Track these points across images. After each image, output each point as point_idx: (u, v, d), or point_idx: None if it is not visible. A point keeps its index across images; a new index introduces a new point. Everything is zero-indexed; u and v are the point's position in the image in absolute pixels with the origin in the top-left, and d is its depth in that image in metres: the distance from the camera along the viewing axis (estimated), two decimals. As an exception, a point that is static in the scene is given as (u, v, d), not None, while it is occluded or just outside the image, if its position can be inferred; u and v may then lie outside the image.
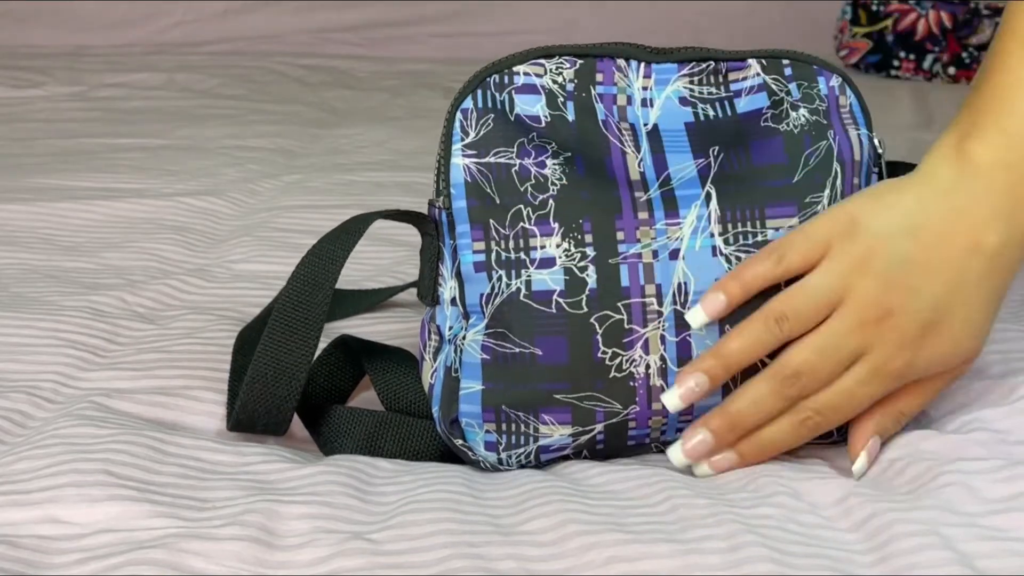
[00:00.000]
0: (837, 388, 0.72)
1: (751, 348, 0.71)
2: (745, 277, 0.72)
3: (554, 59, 0.78)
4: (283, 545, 0.66)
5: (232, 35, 2.28)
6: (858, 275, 0.71)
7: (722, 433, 0.72)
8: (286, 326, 0.77)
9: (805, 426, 0.72)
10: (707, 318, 0.73)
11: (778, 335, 0.71)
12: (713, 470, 0.73)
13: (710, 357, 0.72)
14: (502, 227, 0.75)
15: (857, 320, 0.71)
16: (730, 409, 0.72)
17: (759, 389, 0.72)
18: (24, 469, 0.72)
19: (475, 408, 0.75)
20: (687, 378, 0.72)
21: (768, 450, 0.73)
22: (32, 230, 1.17)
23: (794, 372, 0.71)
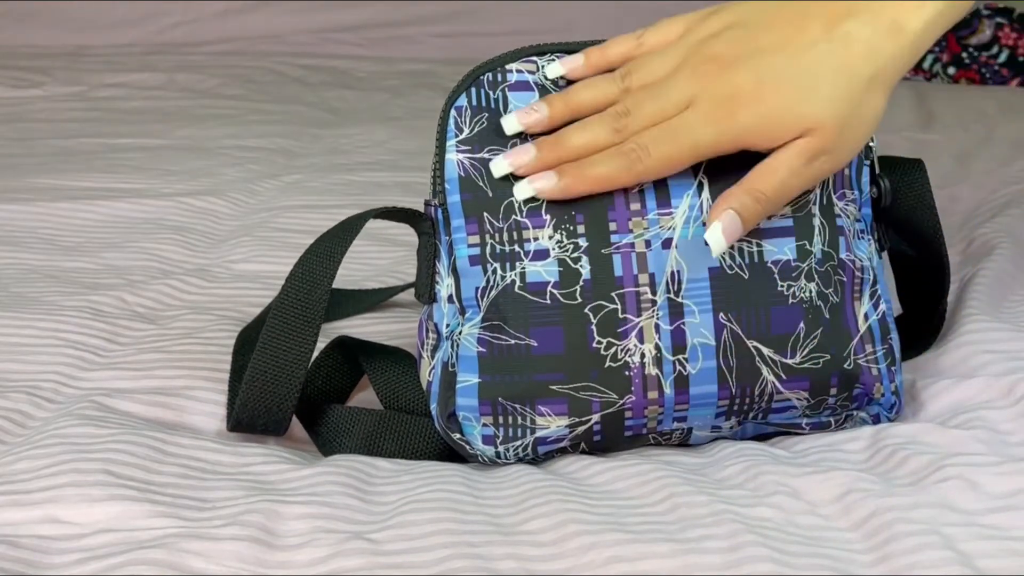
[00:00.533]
0: (663, 126, 0.74)
1: (594, 95, 0.75)
2: (607, 46, 0.77)
3: (546, 56, 0.78)
4: (283, 545, 0.66)
5: (232, 35, 2.28)
6: (704, 43, 0.74)
7: (546, 147, 0.75)
8: (284, 324, 0.77)
9: (628, 157, 0.74)
10: (564, 70, 0.76)
11: (619, 85, 0.75)
12: (532, 189, 0.74)
13: (556, 96, 0.76)
14: (496, 220, 0.76)
15: (691, 71, 0.74)
16: (560, 132, 0.75)
17: (590, 121, 0.75)
18: (24, 469, 0.72)
19: (472, 401, 0.75)
20: (530, 105, 0.75)
21: (589, 177, 0.74)
22: (32, 230, 1.17)
23: (624, 108, 0.74)
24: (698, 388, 0.75)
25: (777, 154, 0.74)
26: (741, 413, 0.76)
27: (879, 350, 0.78)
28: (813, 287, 0.76)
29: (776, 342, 0.75)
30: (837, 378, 0.76)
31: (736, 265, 0.75)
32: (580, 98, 0.75)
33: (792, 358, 0.75)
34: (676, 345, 0.74)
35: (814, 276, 0.76)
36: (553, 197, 0.75)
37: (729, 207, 0.73)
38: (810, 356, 0.76)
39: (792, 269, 0.75)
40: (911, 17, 0.73)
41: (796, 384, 0.76)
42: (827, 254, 0.76)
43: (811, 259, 0.76)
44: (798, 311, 0.75)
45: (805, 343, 0.75)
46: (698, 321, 0.74)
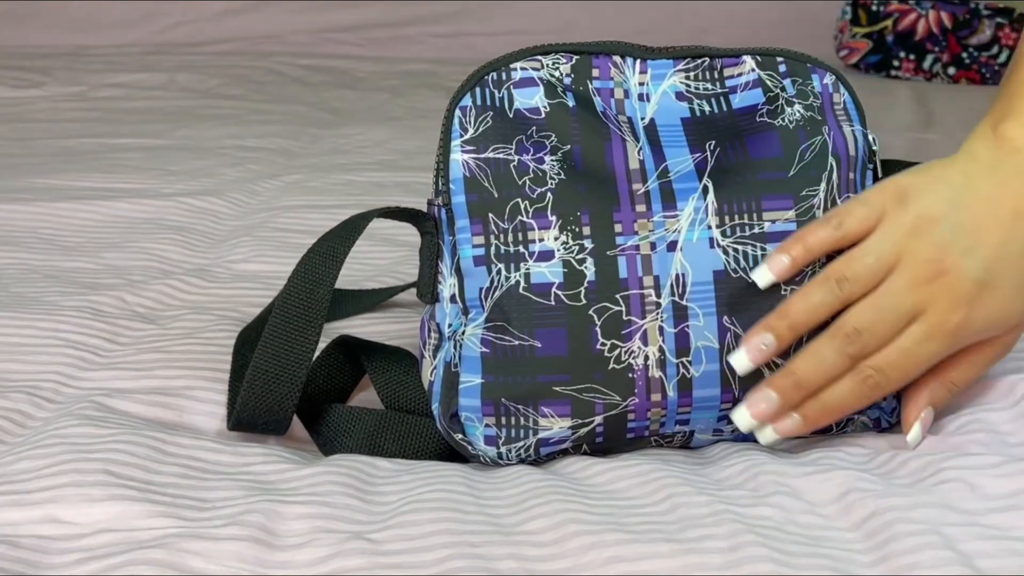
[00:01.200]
0: (896, 346, 0.73)
1: (814, 309, 0.74)
2: (808, 240, 0.75)
3: (550, 56, 0.78)
4: (283, 545, 0.66)
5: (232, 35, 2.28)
6: (912, 238, 0.74)
7: (787, 391, 0.73)
8: (287, 323, 0.77)
9: (867, 384, 0.73)
10: (774, 277, 0.74)
11: (839, 295, 0.73)
12: (778, 434, 0.74)
13: (774, 318, 0.74)
14: (501, 220, 0.75)
15: (912, 279, 0.73)
16: (793, 368, 0.73)
17: (820, 348, 0.73)
18: (24, 469, 0.72)
19: (474, 402, 0.75)
20: (754, 338, 0.73)
21: (832, 410, 0.74)
22: (32, 230, 1.17)
23: (854, 329, 0.73)
24: (701, 391, 0.75)
25: (982, 349, 0.76)
26: (743, 416, 0.76)
27: None
28: None
29: None
30: (838, 379, 0.76)
31: (740, 269, 0.75)
32: (803, 319, 0.74)
33: None
34: (680, 348, 0.74)
35: None
36: (799, 435, 0.75)
37: (929, 404, 0.76)
38: None
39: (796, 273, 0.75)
40: None
41: None
42: (831, 258, 0.76)
43: (815, 263, 0.76)
44: None
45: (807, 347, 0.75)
46: (702, 324, 0.74)
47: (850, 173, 0.78)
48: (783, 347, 0.74)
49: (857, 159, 0.79)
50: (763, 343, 0.73)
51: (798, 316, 0.74)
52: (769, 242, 0.75)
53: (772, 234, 0.75)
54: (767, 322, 0.74)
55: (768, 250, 0.75)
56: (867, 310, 0.73)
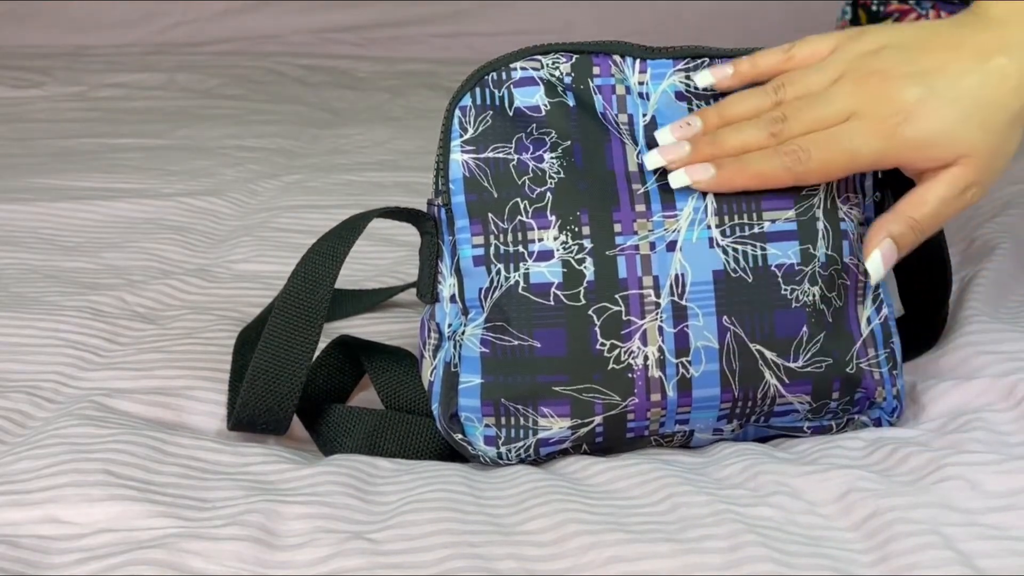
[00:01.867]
0: (825, 132, 0.74)
1: (747, 106, 0.75)
2: (756, 58, 0.77)
3: (550, 55, 0.78)
4: (283, 545, 0.66)
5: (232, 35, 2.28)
6: (860, 58, 0.75)
7: (701, 144, 0.74)
8: (286, 324, 0.77)
9: (789, 156, 0.74)
10: (714, 79, 0.76)
11: (773, 97, 0.75)
12: (688, 178, 0.74)
13: (710, 108, 0.75)
14: (500, 220, 0.75)
15: (851, 84, 0.74)
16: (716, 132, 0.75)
17: (743, 124, 0.75)
18: (24, 469, 0.72)
19: (474, 402, 0.75)
20: (683, 120, 0.75)
21: (748, 170, 0.74)
22: (32, 230, 1.17)
23: (780, 113, 0.74)
24: (701, 391, 0.75)
25: (929, 183, 0.75)
26: (743, 416, 0.76)
27: (881, 354, 0.78)
28: (816, 291, 0.76)
29: (779, 346, 0.75)
30: (839, 382, 0.76)
31: (740, 269, 0.75)
32: (734, 110, 0.75)
33: (795, 362, 0.75)
34: (679, 348, 0.74)
35: (818, 280, 0.76)
36: (710, 189, 0.74)
37: (886, 235, 0.75)
38: (813, 360, 0.76)
39: (796, 273, 0.75)
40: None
41: (798, 388, 0.76)
42: (831, 258, 0.76)
43: (815, 263, 0.76)
44: (801, 315, 0.75)
45: (808, 347, 0.75)
46: (702, 324, 0.74)
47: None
48: (709, 129, 0.75)
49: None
50: (688, 122, 0.75)
51: (729, 108, 0.75)
52: (769, 242, 0.75)
53: (772, 234, 0.75)
54: (700, 111, 0.76)
55: (768, 249, 0.75)
56: (799, 103, 0.75)
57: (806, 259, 0.76)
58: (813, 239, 0.76)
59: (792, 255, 0.75)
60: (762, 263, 0.75)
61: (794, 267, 0.75)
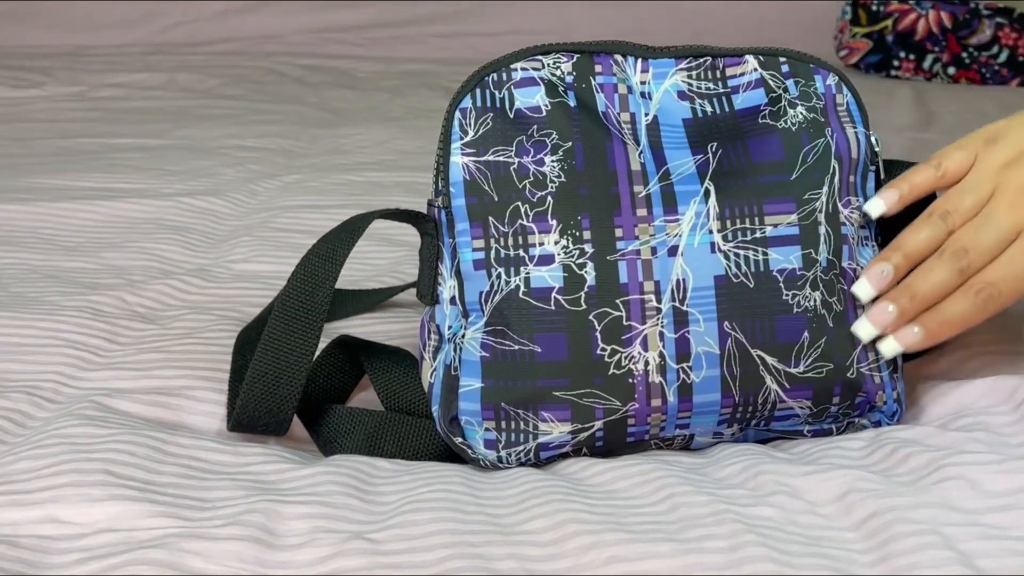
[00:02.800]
0: (1003, 259, 0.78)
1: (923, 240, 0.79)
2: (914, 180, 0.81)
3: (551, 55, 0.78)
4: (283, 545, 0.66)
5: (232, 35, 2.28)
6: (1004, 170, 0.80)
7: (902, 302, 0.77)
8: (286, 326, 0.77)
9: (980, 296, 0.77)
10: (886, 208, 0.80)
11: (944, 227, 0.79)
12: (899, 343, 0.77)
13: (888, 251, 0.79)
14: (501, 224, 0.75)
15: (1008, 203, 0.78)
16: (907, 282, 0.78)
17: (931, 264, 0.78)
18: (24, 469, 0.72)
19: (474, 406, 0.75)
20: (873, 267, 0.78)
21: (949, 321, 0.77)
22: (32, 230, 1.17)
23: (960, 247, 0.78)
24: (701, 396, 0.74)
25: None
26: (744, 421, 0.76)
27: (881, 358, 0.78)
28: (818, 296, 0.76)
29: (780, 351, 0.75)
30: (840, 387, 0.76)
31: (742, 274, 0.75)
32: (916, 249, 0.79)
33: (796, 367, 0.75)
34: (680, 353, 0.74)
35: (819, 285, 0.76)
36: (921, 348, 0.78)
37: None
38: (814, 365, 0.75)
39: (797, 278, 0.75)
40: None
41: (799, 393, 0.76)
42: (832, 262, 0.76)
43: (816, 268, 0.76)
44: (802, 320, 0.75)
45: (809, 352, 0.75)
46: (703, 330, 0.74)
47: (851, 176, 0.78)
48: (899, 275, 0.78)
49: (859, 161, 0.79)
50: (882, 271, 0.78)
51: (909, 246, 0.79)
52: (771, 246, 0.75)
53: (774, 238, 0.75)
54: (883, 255, 0.79)
55: (770, 255, 0.75)
56: (970, 230, 0.79)
57: (808, 264, 0.75)
58: (815, 243, 0.76)
59: (794, 260, 0.75)
60: (764, 268, 0.75)
61: (796, 272, 0.75)
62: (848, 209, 0.78)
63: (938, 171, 0.81)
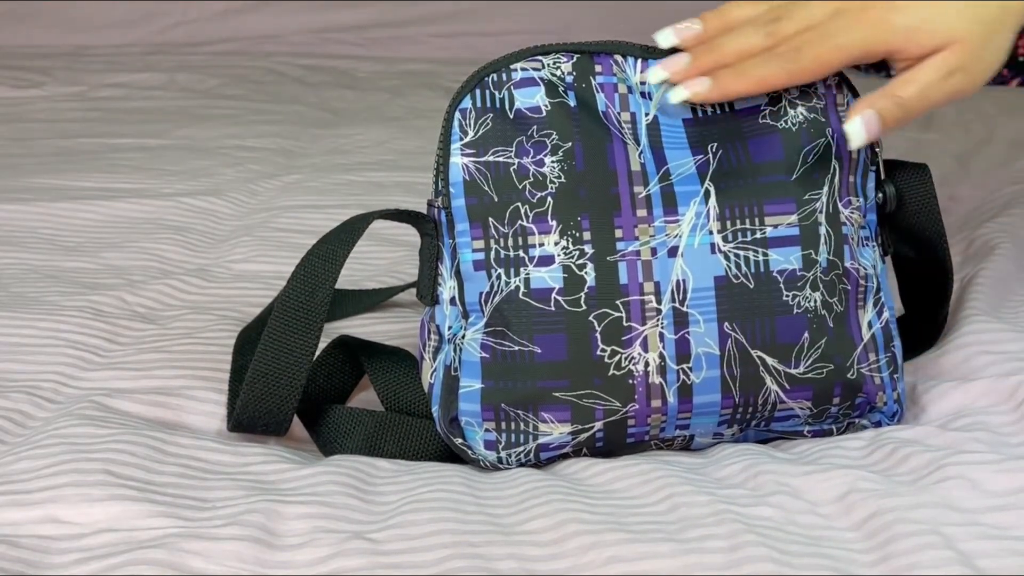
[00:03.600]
0: (815, 27, 0.75)
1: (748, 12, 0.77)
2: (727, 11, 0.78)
3: (551, 55, 0.78)
4: (283, 545, 0.66)
5: (232, 35, 2.28)
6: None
7: (700, 53, 0.76)
8: (286, 326, 0.77)
9: (784, 58, 0.75)
10: (675, 38, 0.78)
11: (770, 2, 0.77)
12: (687, 92, 0.76)
13: (710, 14, 0.77)
14: (501, 225, 0.75)
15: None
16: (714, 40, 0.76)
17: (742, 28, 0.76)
18: (24, 469, 0.72)
19: (474, 407, 0.75)
20: (685, 22, 0.77)
21: (744, 76, 0.75)
22: (32, 230, 1.17)
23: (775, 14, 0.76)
24: (702, 397, 0.74)
25: (918, 66, 0.75)
26: (744, 422, 0.76)
27: (882, 359, 0.78)
28: (818, 296, 0.76)
29: (780, 352, 0.75)
30: (840, 388, 0.76)
31: (742, 275, 0.75)
32: (733, 13, 0.77)
33: (796, 368, 0.75)
34: (680, 354, 0.74)
35: (819, 285, 0.76)
36: (710, 99, 0.76)
37: (870, 107, 0.75)
38: (814, 366, 0.75)
39: (798, 279, 0.75)
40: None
41: (799, 394, 0.76)
42: (832, 263, 0.76)
43: (816, 268, 0.76)
44: (803, 321, 0.75)
45: (809, 353, 0.75)
46: (703, 331, 0.74)
47: (850, 176, 0.78)
48: (707, 35, 0.77)
49: (859, 161, 0.79)
50: (691, 22, 0.77)
51: (730, 12, 0.77)
52: (771, 247, 0.75)
53: (774, 239, 0.75)
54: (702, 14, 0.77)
55: (770, 255, 0.75)
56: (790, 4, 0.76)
57: (808, 264, 0.75)
58: (815, 244, 0.76)
59: (794, 260, 0.75)
60: (764, 269, 0.75)
61: (796, 272, 0.75)
62: (848, 209, 0.78)
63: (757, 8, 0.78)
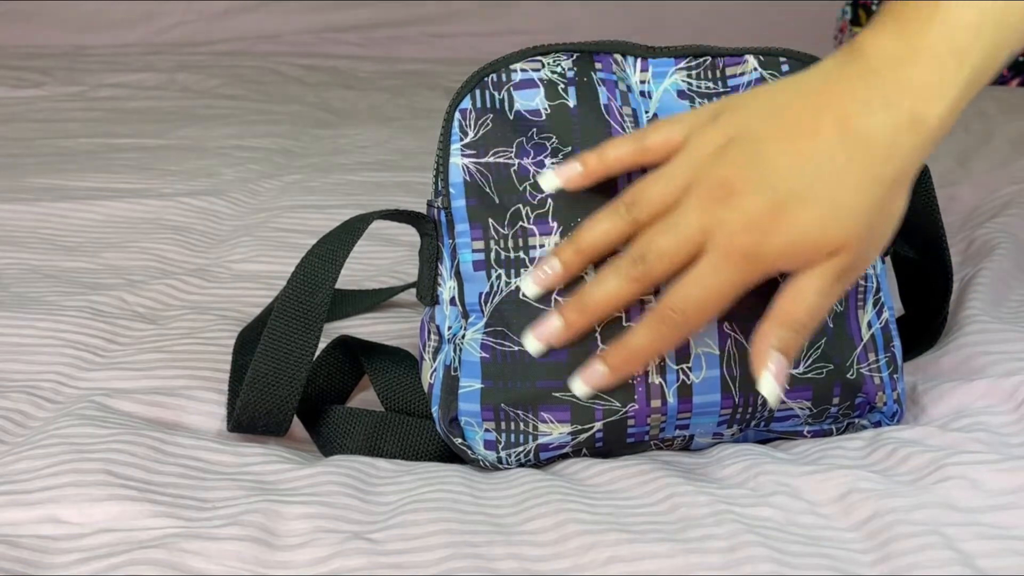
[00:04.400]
0: (689, 277, 0.69)
1: (602, 233, 0.71)
2: (607, 153, 0.72)
3: (551, 55, 0.78)
4: (283, 545, 0.66)
5: (232, 35, 2.28)
6: (709, 161, 0.69)
7: (570, 315, 0.71)
8: (286, 326, 0.77)
9: (666, 324, 0.69)
10: (560, 182, 0.72)
11: (627, 219, 0.70)
12: (586, 385, 0.72)
13: (565, 244, 0.72)
14: (501, 226, 0.75)
15: (700, 201, 0.68)
16: (580, 292, 0.72)
17: (605, 273, 0.71)
18: (24, 469, 0.72)
19: (474, 407, 0.75)
20: (542, 263, 0.72)
21: (636, 354, 0.71)
22: (32, 230, 1.17)
23: (638, 253, 0.69)
24: (701, 397, 0.74)
25: (803, 277, 0.69)
26: (743, 422, 0.76)
27: (882, 359, 0.78)
28: None
29: None
30: (840, 387, 0.76)
31: None
32: (590, 242, 0.71)
33: (795, 368, 0.75)
34: (680, 354, 0.74)
35: None
36: (609, 387, 0.72)
37: (770, 347, 0.69)
38: (814, 366, 0.75)
39: None
40: (932, 106, 0.66)
41: (799, 394, 0.76)
42: None
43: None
44: None
45: (809, 353, 0.75)
46: (702, 330, 0.74)
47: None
48: (570, 273, 0.72)
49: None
50: (548, 267, 0.72)
51: (585, 240, 0.71)
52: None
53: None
54: (556, 248, 0.72)
55: None
56: (652, 233, 0.69)
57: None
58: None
59: (793, 259, 0.75)
60: None
61: None
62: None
63: (638, 145, 0.70)
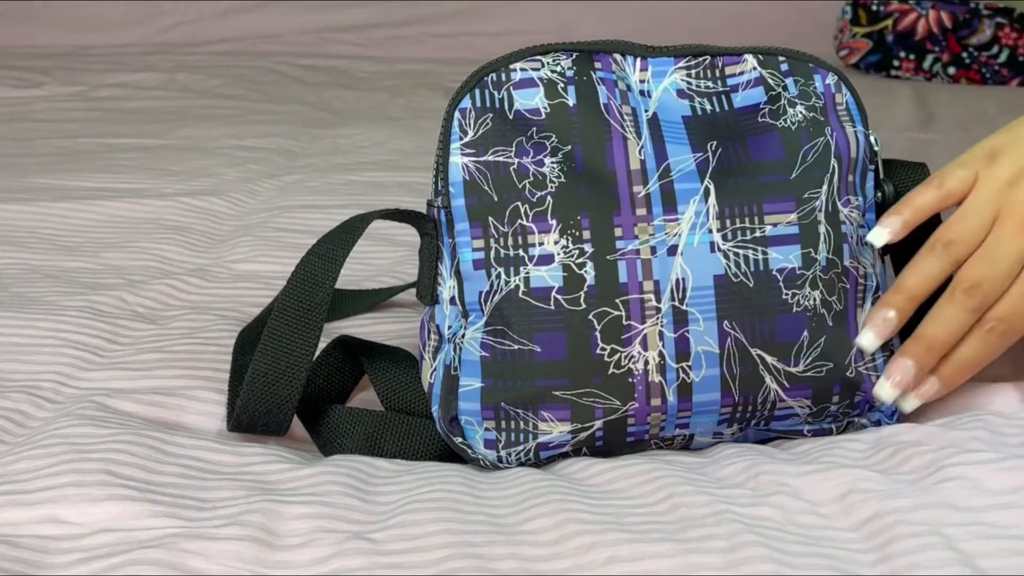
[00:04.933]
0: (1014, 292, 0.76)
1: (926, 276, 0.77)
2: (916, 203, 0.78)
3: (550, 55, 0.78)
4: (283, 545, 0.66)
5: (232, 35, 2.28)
6: (1007, 190, 0.77)
7: (920, 356, 0.76)
8: (286, 326, 0.77)
9: (993, 334, 0.76)
10: (890, 236, 0.78)
11: (948, 259, 0.77)
12: (920, 399, 0.77)
13: (891, 293, 0.77)
14: (500, 224, 0.75)
15: (1014, 226, 0.76)
16: (921, 333, 0.76)
17: (943, 308, 0.76)
18: (24, 469, 0.72)
19: (474, 406, 0.75)
20: (876, 315, 0.76)
21: (967, 366, 0.77)
22: (32, 230, 1.17)
23: (971, 284, 0.76)
24: (701, 396, 0.74)
25: None
26: (743, 420, 0.76)
27: (880, 357, 0.78)
28: (817, 295, 0.76)
29: (780, 350, 0.75)
30: (839, 386, 0.76)
31: (741, 273, 0.75)
32: (919, 288, 0.77)
33: (795, 366, 0.75)
34: (680, 353, 0.74)
35: (818, 284, 0.76)
36: (937, 398, 0.77)
37: None
38: (813, 364, 0.75)
39: (797, 277, 0.75)
40: None
41: (799, 392, 0.76)
42: (831, 261, 0.76)
43: (816, 267, 0.76)
44: (802, 319, 0.75)
45: (808, 351, 0.75)
46: (702, 329, 0.74)
47: (849, 175, 0.78)
48: (903, 319, 0.77)
49: (858, 161, 0.79)
50: (885, 318, 0.76)
51: (912, 286, 0.76)
52: (770, 246, 0.75)
53: (773, 238, 0.75)
54: (885, 299, 0.77)
55: (770, 254, 0.75)
56: (978, 263, 0.76)
57: (807, 263, 0.75)
58: (815, 243, 0.76)
59: (793, 259, 0.75)
60: (763, 267, 0.75)
61: (795, 271, 0.75)
62: (847, 208, 0.78)
63: (940, 191, 0.78)
